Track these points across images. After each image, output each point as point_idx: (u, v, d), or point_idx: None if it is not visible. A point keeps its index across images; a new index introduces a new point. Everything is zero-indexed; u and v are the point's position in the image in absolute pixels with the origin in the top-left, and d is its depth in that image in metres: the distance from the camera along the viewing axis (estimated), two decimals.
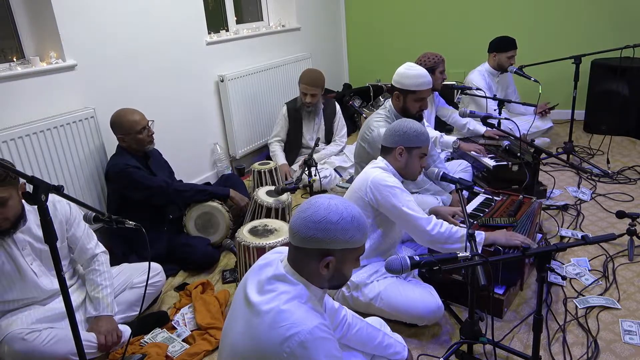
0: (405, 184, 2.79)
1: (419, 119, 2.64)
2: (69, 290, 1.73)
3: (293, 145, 3.87)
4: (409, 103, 2.56)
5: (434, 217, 2.06)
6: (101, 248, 2.16)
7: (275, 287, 1.27)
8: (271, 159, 3.74)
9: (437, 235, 2.00)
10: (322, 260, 1.26)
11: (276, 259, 1.37)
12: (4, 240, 1.83)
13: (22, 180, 1.70)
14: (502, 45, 3.76)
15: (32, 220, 1.88)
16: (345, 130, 4.01)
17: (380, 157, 2.16)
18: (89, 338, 1.92)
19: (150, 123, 2.69)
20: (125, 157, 2.64)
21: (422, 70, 2.52)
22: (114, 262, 2.29)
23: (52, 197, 1.91)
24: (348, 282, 2.07)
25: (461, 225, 2.13)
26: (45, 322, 1.90)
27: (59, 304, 1.93)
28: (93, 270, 2.09)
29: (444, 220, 2.12)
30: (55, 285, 1.92)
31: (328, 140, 3.96)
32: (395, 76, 2.58)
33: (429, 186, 2.81)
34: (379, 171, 2.07)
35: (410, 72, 2.51)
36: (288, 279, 1.29)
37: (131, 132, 2.61)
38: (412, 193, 2.82)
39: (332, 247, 1.26)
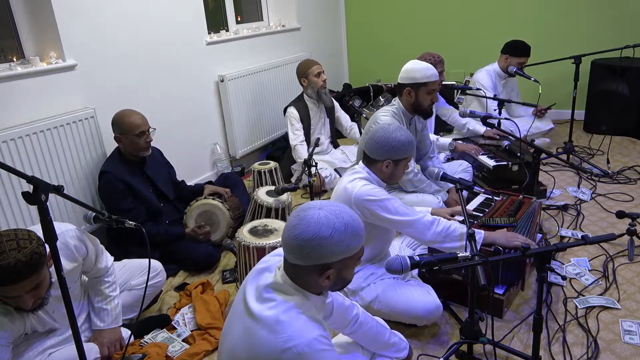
0: (402, 184, 2.80)
1: (430, 113, 2.74)
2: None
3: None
4: (421, 97, 2.63)
5: (428, 214, 2.06)
6: (110, 258, 2.05)
7: (273, 296, 1.26)
8: (271, 159, 3.73)
9: (434, 235, 2.00)
10: (322, 274, 1.23)
11: (275, 264, 1.35)
12: (34, 314, 1.73)
13: (48, 251, 1.52)
14: (517, 50, 3.70)
15: (52, 272, 1.70)
16: (347, 115, 4.01)
17: (361, 164, 2.10)
18: (90, 348, 1.86)
19: (151, 130, 2.62)
20: (118, 164, 2.59)
21: (429, 64, 2.63)
22: None
23: (70, 239, 1.78)
24: (345, 289, 2.08)
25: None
26: (51, 348, 1.83)
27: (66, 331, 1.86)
28: (103, 281, 2.00)
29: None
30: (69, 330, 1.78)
31: (333, 134, 3.94)
32: (403, 73, 2.65)
33: (424, 186, 2.81)
34: (359, 184, 1.99)
35: (419, 66, 2.61)
36: (285, 289, 1.26)
37: (129, 134, 2.55)
38: (410, 192, 2.83)
39: (329, 261, 1.22)
